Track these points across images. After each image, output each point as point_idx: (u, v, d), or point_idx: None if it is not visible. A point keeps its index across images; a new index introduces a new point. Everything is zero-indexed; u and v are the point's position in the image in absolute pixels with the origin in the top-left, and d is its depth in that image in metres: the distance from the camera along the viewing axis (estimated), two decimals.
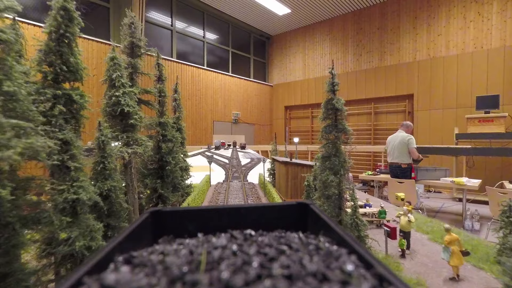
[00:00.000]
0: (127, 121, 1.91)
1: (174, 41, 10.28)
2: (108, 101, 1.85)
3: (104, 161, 1.55)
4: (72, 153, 1.29)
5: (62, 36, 1.32)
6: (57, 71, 1.32)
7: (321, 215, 0.38)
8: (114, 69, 1.82)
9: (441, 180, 5.40)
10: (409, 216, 1.99)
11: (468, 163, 7.49)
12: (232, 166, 5.78)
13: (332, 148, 1.79)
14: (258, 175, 4.60)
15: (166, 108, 2.45)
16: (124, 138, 1.89)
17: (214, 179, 4.43)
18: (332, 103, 1.74)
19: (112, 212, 1.64)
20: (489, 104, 7.20)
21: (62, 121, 1.28)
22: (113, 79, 1.81)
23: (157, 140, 2.41)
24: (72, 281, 0.23)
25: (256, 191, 3.75)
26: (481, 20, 8.37)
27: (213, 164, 4.54)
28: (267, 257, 0.27)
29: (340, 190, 1.77)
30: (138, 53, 2.34)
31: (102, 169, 1.56)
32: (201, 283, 0.22)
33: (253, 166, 5.95)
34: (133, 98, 1.91)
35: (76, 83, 1.45)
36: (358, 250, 0.28)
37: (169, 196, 2.41)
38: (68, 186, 1.26)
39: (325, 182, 1.77)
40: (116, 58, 1.83)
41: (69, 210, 1.28)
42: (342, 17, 11.55)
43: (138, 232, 0.36)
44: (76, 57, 1.38)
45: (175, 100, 3.07)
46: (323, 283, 0.22)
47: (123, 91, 1.83)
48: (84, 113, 1.45)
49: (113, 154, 1.60)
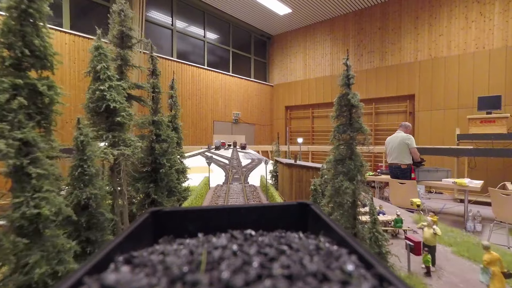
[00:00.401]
0: (113, 119, 1.67)
1: (175, 40, 10.25)
2: (91, 95, 1.61)
3: (83, 164, 1.33)
4: (35, 156, 1.06)
5: (25, 13, 1.10)
6: (18, 55, 1.10)
7: (321, 215, 0.38)
8: (99, 60, 1.60)
9: (443, 181, 5.36)
10: (435, 228, 1.77)
11: (470, 164, 7.45)
12: (233, 167, 5.69)
13: (346, 150, 1.59)
14: (259, 177, 4.45)
15: (161, 105, 2.25)
16: (109, 138, 1.67)
17: (214, 181, 4.31)
18: (347, 99, 1.54)
19: (92, 225, 1.41)
20: (491, 104, 7.16)
21: (22, 117, 1.05)
22: (98, 71, 1.60)
23: (150, 140, 2.20)
24: (72, 281, 0.23)
25: (257, 194, 3.63)
26: (483, 20, 8.33)
27: (213, 165, 4.37)
28: (268, 257, 0.27)
29: (355, 198, 1.56)
30: (128, 44, 2.13)
31: (81, 174, 1.34)
32: (201, 283, 0.22)
33: (254, 167, 5.85)
34: (121, 93, 1.69)
35: (46, 72, 1.22)
36: (358, 250, 0.28)
37: (164, 201, 2.21)
38: (27, 198, 1.02)
39: (338, 189, 1.56)
40: (101, 48, 1.63)
41: (28, 228, 1.03)
42: (343, 17, 11.51)
43: (138, 232, 0.36)
44: (44, 40, 1.15)
45: (172, 97, 2.87)
46: (323, 283, 0.22)
47: (109, 85, 1.61)
48: (57, 108, 1.21)
49: (94, 157, 1.38)
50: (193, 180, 3.36)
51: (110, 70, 1.64)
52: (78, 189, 1.34)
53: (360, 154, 1.59)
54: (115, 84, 1.65)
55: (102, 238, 1.43)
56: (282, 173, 3.51)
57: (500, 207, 4.21)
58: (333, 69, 11.90)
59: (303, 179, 2.85)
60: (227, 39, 12.33)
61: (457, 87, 8.74)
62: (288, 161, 3.32)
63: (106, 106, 1.61)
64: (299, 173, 2.91)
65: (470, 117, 7.34)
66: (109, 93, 1.60)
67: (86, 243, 1.39)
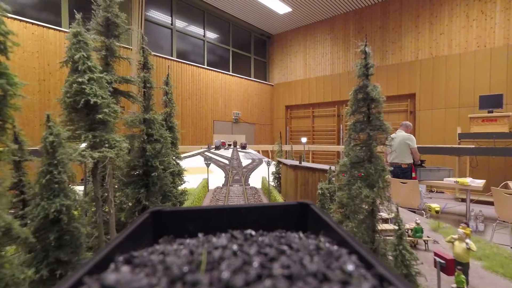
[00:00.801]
0: (94, 116, 1.44)
1: (174, 40, 10.21)
2: (68, 89, 1.37)
3: (53, 170, 1.11)
4: None
5: None
6: None
7: (321, 215, 0.38)
8: (77, 48, 1.37)
9: (445, 180, 5.33)
10: (468, 243, 1.54)
11: (472, 163, 7.41)
12: (233, 168, 5.62)
13: (365, 152, 1.37)
14: (261, 178, 4.30)
15: (154, 102, 2.02)
16: (89, 139, 1.43)
17: (213, 183, 4.18)
18: (365, 92, 1.32)
19: (64, 242, 1.17)
20: (492, 103, 7.13)
21: None
22: (76, 61, 1.36)
23: (141, 140, 1.98)
24: (73, 281, 0.23)
25: (259, 197, 3.53)
26: (484, 19, 8.28)
27: (213, 165, 4.20)
28: (268, 257, 0.27)
29: (375, 207, 1.35)
30: (115, 33, 1.90)
31: (50, 182, 1.12)
32: (201, 283, 0.22)
33: (255, 168, 5.77)
34: (104, 87, 1.46)
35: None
36: (359, 250, 0.28)
37: None
38: None
39: (355, 198, 1.35)
40: (80, 34, 1.39)
41: None
42: (344, 16, 11.47)
43: (138, 232, 0.36)
44: None
45: (166, 94, 2.64)
46: (323, 283, 0.22)
47: (90, 77, 1.38)
48: (14, 102, 0.99)
49: (67, 161, 1.17)
50: (191, 182, 3.19)
51: (91, 60, 1.41)
52: (46, 199, 1.11)
53: (381, 156, 1.39)
54: (96, 76, 1.41)
55: (77, 257, 1.19)
56: (286, 175, 3.34)
57: (502, 206, 4.18)
58: (334, 69, 11.86)
59: (309, 182, 2.68)
60: (227, 38, 12.29)
61: (458, 86, 8.70)
62: (293, 162, 3.16)
63: (85, 102, 1.37)
64: (305, 176, 2.74)
65: (471, 116, 7.30)
66: (89, 86, 1.37)
67: (56, 265, 1.14)
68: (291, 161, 3.46)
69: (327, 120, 12.09)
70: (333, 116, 11.81)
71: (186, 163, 3.54)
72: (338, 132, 11.63)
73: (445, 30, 9.01)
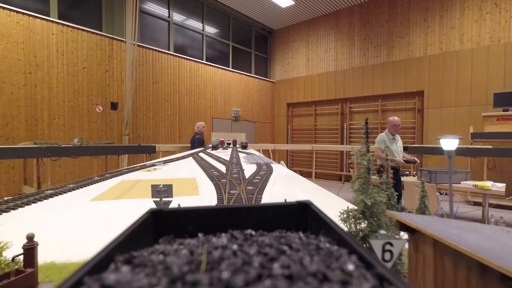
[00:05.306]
0: None
1: (172, 33, 9.75)
2: None
3: None
4: None
5: None
6: None
7: (321, 215, 0.38)
8: None
9: (462, 183, 4.91)
10: None
11: (489, 165, 6.98)
12: (231, 182, 2.87)
13: None
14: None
15: None
16: None
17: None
18: None
19: None
20: (507, 101, 6.75)
21: None
22: None
23: None
24: (73, 281, 0.23)
25: None
26: (499, 12, 7.85)
27: (201, 176, 2.39)
28: (268, 257, 0.27)
29: None
30: None
31: None
32: (201, 283, 0.22)
33: (265, 180, 2.74)
34: None
35: None
36: (359, 250, 0.28)
37: None
38: None
39: None
40: None
41: None
42: (348, 9, 11.02)
43: (138, 232, 0.35)
44: None
45: None
46: (323, 283, 0.22)
47: None
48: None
49: None
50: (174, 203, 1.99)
51: None
52: None
53: None
54: None
55: None
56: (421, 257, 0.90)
57: None
58: (337, 65, 11.41)
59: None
60: (227, 33, 11.83)
61: (470, 83, 8.27)
62: None
63: None
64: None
65: (485, 115, 6.91)
66: None
67: None
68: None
69: (330, 118, 11.66)
70: (337, 114, 11.38)
71: (173, 171, 3.05)
72: (341, 131, 11.20)
73: (456, 24, 8.57)
